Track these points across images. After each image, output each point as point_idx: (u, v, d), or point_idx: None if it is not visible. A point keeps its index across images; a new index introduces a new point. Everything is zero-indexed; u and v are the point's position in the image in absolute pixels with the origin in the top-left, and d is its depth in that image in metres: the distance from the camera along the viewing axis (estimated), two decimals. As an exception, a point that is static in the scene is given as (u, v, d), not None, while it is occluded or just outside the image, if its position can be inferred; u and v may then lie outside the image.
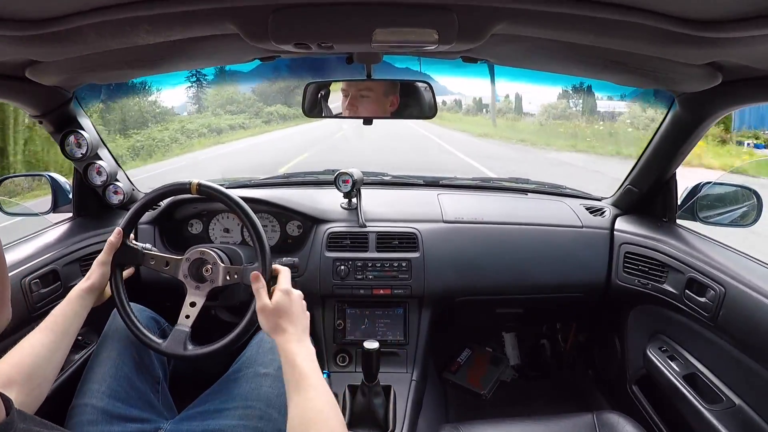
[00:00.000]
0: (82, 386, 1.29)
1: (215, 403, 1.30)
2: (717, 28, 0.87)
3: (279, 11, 0.95)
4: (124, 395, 1.29)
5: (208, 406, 1.30)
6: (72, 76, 1.42)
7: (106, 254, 1.37)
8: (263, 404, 1.27)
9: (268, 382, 1.33)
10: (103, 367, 1.32)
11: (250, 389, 1.31)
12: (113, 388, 1.28)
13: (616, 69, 1.31)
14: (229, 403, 1.28)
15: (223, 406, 1.28)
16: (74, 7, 0.89)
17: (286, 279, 1.28)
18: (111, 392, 1.27)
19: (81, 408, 1.24)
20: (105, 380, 1.29)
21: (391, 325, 1.90)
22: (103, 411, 1.23)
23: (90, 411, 1.23)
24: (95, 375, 1.30)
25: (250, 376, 1.35)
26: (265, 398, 1.29)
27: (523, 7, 0.91)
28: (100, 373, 1.31)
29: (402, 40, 1.04)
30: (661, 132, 1.75)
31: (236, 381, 1.34)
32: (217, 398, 1.32)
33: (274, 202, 1.93)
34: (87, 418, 1.22)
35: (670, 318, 1.72)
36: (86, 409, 1.23)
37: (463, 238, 1.93)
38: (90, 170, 1.85)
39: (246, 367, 1.38)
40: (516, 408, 2.25)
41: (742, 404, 1.39)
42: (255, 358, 1.40)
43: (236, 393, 1.31)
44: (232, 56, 1.45)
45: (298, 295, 1.25)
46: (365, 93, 1.61)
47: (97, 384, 1.28)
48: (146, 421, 1.29)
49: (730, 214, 1.79)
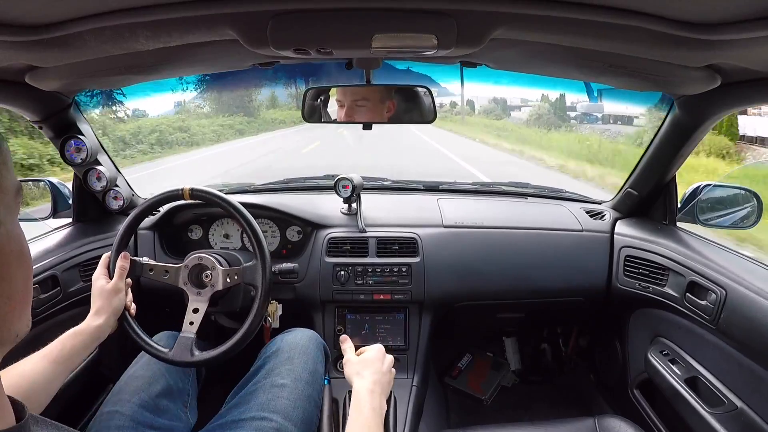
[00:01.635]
0: (115, 394, 1.32)
1: (234, 414, 1.31)
2: (715, 30, 0.87)
3: (278, 17, 0.95)
4: (153, 407, 1.31)
5: (228, 417, 1.31)
6: (71, 81, 1.42)
7: (120, 279, 1.37)
8: (280, 417, 1.27)
9: (285, 393, 1.33)
10: (137, 381, 1.35)
11: (267, 400, 1.31)
12: (144, 400, 1.30)
13: (615, 72, 1.31)
14: (246, 413, 1.29)
15: (240, 417, 1.28)
16: (74, 12, 0.90)
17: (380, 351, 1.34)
18: (141, 403, 1.29)
19: (110, 414, 1.26)
20: (137, 393, 1.31)
21: (391, 330, 1.90)
22: (131, 418, 1.25)
23: (119, 417, 1.25)
24: (128, 387, 1.33)
25: (267, 386, 1.35)
26: (282, 410, 1.29)
27: (521, 11, 0.91)
28: (133, 386, 1.33)
29: (401, 45, 1.04)
30: (660, 135, 1.74)
31: (254, 392, 1.35)
32: (236, 410, 1.32)
33: (274, 207, 1.93)
34: (115, 423, 1.23)
35: (671, 321, 1.71)
36: (115, 415, 1.25)
37: (463, 243, 1.93)
38: (90, 176, 1.86)
39: (263, 378, 1.38)
40: (517, 413, 2.25)
41: (744, 407, 1.38)
42: (272, 368, 1.40)
43: (253, 404, 1.31)
44: (232, 62, 1.46)
45: (390, 360, 1.31)
46: (361, 103, 1.61)
47: (128, 395, 1.30)
48: (171, 430, 1.31)
49: (731, 216, 1.79)
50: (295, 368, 1.40)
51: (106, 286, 1.34)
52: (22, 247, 0.62)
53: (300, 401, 1.33)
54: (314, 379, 1.43)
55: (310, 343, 1.52)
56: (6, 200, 0.58)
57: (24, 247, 0.62)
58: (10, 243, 0.59)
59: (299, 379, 1.38)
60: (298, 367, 1.41)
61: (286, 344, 1.48)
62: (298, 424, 1.29)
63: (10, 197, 0.59)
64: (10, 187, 0.59)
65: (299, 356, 1.44)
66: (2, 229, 0.57)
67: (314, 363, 1.47)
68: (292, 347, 1.47)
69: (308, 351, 1.48)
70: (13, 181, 0.60)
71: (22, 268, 0.61)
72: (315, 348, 1.52)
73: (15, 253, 0.60)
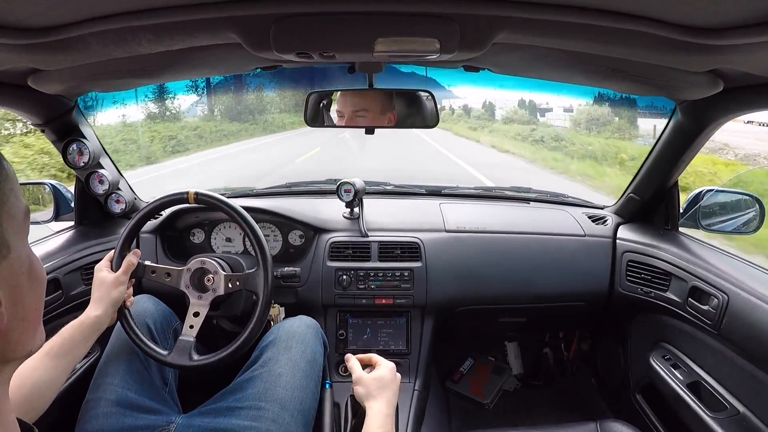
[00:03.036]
0: (96, 380, 1.31)
1: (229, 401, 1.31)
2: (718, 35, 0.87)
3: (281, 21, 0.95)
4: (137, 386, 1.31)
5: (222, 403, 1.31)
6: (74, 84, 1.43)
7: (124, 274, 1.37)
8: (277, 406, 1.27)
9: (282, 383, 1.33)
10: (115, 362, 1.34)
11: (264, 389, 1.31)
12: (126, 380, 1.30)
13: (618, 77, 1.31)
14: (242, 402, 1.29)
15: (236, 405, 1.28)
16: (77, 16, 0.90)
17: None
18: (124, 384, 1.29)
19: (95, 402, 1.26)
20: (118, 373, 1.31)
21: (393, 334, 1.89)
22: (116, 403, 1.25)
23: (104, 404, 1.25)
24: (108, 369, 1.33)
25: (265, 375, 1.35)
26: (279, 400, 1.29)
27: (524, 16, 0.91)
28: (112, 367, 1.33)
29: (404, 49, 1.04)
30: (662, 140, 1.74)
31: (251, 380, 1.35)
32: (231, 396, 1.32)
33: (276, 211, 1.93)
34: (102, 411, 1.23)
35: (673, 326, 1.71)
36: (100, 402, 1.25)
37: (465, 248, 1.93)
38: (92, 179, 1.86)
39: (261, 366, 1.38)
40: (519, 417, 2.24)
41: (746, 412, 1.38)
42: (270, 357, 1.40)
43: (250, 392, 1.31)
44: (234, 65, 1.46)
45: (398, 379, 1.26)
46: (361, 113, 1.61)
47: (110, 378, 1.30)
48: (159, 413, 1.30)
49: (733, 221, 1.79)
50: (292, 357, 1.40)
51: (108, 277, 1.35)
52: (32, 267, 0.63)
53: (297, 391, 1.33)
54: (312, 369, 1.42)
55: (308, 330, 1.51)
56: (15, 226, 0.59)
57: (34, 265, 0.64)
58: (21, 266, 0.60)
59: (297, 369, 1.38)
60: (295, 356, 1.41)
61: (283, 333, 1.48)
62: (295, 414, 1.28)
63: (19, 222, 0.60)
64: (18, 212, 0.60)
65: (297, 345, 1.44)
66: (12, 254, 0.58)
67: (312, 352, 1.46)
68: (289, 336, 1.46)
69: (306, 340, 1.47)
70: (21, 206, 0.61)
71: (33, 288, 0.63)
72: (313, 336, 1.51)
73: (25, 275, 0.61)
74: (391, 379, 1.22)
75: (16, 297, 0.59)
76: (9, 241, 0.58)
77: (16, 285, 0.59)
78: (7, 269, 0.58)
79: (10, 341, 0.60)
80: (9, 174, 0.59)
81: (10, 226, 0.58)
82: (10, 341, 0.60)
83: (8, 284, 0.58)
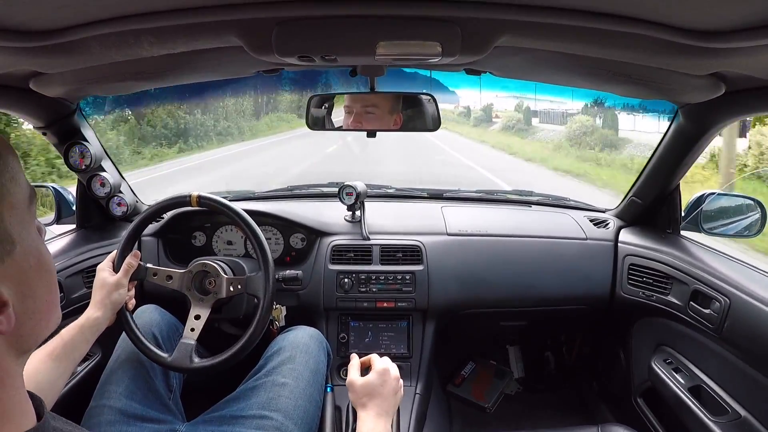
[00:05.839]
0: (101, 387, 1.31)
1: (233, 409, 1.31)
2: (720, 38, 0.87)
3: (283, 24, 0.95)
4: (141, 396, 1.31)
5: (226, 411, 1.31)
6: (76, 87, 1.43)
7: (124, 276, 1.37)
8: (281, 416, 1.27)
9: (286, 392, 1.33)
10: (121, 370, 1.34)
11: (269, 399, 1.31)
12: (131, 389, 1.30)
13: (620, 80, 1.31)
14: (246, 410, 1.29)
15: (240, 414, 1.29)
16: (78, 19, 0.90)
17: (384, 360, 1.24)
18: (128, 393, 1.29)
19: (99, 409, 1.26)
20: (123, 381, 1.31)
21: (394, 338, 1.89)
22: (120, 411, 1.25)
23: (108, 412, 1.25)
24: (114, 377, 1.33)
25: (269, 385, 1.35)
26: (283, 409, 1.29)
27: (526, 19, 0.91)
28: (118, 375, 1.33)
29: (405, 52, 1.04)
30: (664, 143, 1.74)
31: (255, 389, 1.35)
32: (236, 404, 1.32)
33: (278, 214, 1.93)
34: (105, 419, 1.23)
35: (674, 330, 1.70)
36: (104, 410, 1.25)
37: (467, 251, 1.93)
38: (93, 182, 1.86)
39: (265, 376, 1.38)
40: (520, 421, 2.23)
41: (747, 416, 1.37)
42: (274, 367, 1.40)
43: (254, 401, 1.31)
44: (236, 69, 1.46)
45: (395, 377, 1.20)
46: (371, 109, 1.61)
47: (114, 385, 1.30)
48: (163, 422, 1.30)
49: (735, 225, 1.78)
50: (296, 367, 1.40)
51: (108, 278, 1.35)
52: (40, 257, 0.60)
53: (301, 400, 1.33)
54: (316, 379, 1.43)
55: (312, 341, 1.52)
56: (19, 215, 0.57)
57: (43, 255, 0.61)
58: (28, 259, 0.58)
59: (301, 379, 1.38)
60: (299, 366, 1.41)
61: (288, 343, 1.48)
62: (299, 424, 1.29)
63: (23, 210, 0.58)
64: (21, 201, 0.58)
65: (301, 355, 1.44)
66: (18, 249, 0.56)
67: (316, 362, 1.46)
68: (294, 346, 1.47)
69: (310, 350, 1.48)
70: (24, 192, 0.59)
71: (43, 279, 0.61)
72: (317, 347, 1.51)
73: (34, 267, 0.59)
74: (380, 384, 1.15)
75: (26, 292, 0.57)
76: (13, 234, 0.55)
77: (25, 280, 0.57)
78: (13, 266, 0.55)
79: (22, 335, 0.57)
80: (8, 162, 0.57)
81: (12, 217, 0.55)
82: (23, 334, 0.57)
83: (16, 281, 0.56)
